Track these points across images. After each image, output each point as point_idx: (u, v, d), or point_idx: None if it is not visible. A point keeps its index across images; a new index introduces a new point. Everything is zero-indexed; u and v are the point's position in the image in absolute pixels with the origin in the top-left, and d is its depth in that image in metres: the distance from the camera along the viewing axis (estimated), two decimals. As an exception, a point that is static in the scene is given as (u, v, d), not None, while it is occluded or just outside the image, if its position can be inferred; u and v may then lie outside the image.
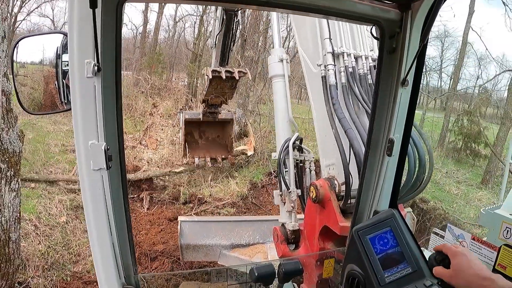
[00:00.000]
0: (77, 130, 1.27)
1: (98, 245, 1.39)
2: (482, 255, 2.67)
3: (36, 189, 7.85)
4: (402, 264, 1.62)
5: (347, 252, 1.79)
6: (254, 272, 1.82)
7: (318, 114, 2.93)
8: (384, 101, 1.67)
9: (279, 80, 3.75)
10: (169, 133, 14.69)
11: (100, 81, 1.23)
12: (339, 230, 2.41)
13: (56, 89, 1.36)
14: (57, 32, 1.35)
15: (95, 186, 1.31)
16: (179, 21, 26.59)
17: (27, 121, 11.64)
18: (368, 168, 1.79)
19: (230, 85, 6.66)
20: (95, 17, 1.11)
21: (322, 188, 2.54)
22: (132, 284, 1.56)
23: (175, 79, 21.93)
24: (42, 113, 1.72)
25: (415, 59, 1.55)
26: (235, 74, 6.36)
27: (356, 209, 1.88)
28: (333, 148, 2.57)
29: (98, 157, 1.27)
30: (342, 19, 2.05)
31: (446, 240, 2.97)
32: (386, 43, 1.62)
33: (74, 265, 6.48)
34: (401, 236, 1.69)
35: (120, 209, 1.46)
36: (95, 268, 1.42)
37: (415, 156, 2.20)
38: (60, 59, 1.34)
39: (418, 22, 1.53)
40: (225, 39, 5.92)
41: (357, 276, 1.68)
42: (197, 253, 6.07)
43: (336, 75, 2.69)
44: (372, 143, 1.75)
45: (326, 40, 2.72)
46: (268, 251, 5.84)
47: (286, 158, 3.27)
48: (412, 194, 2.34)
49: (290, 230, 3.24)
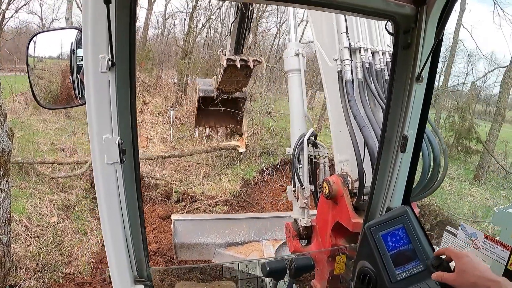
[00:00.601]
0: (91, 124, 1.27)
1: (111, 239, 1.41)
2: (495, 254, 2.69)
3: (26, 188, 7.65)
4: (414, 262, 1.63)
5: (359, 249, 1.79)
6: (265, 267, 1.83)
7: (333, 109, 2.91)
8: (398, 97, 1.67)
9: (294, 75, 3.72)
10: (160, 130, 14.58)
11: (114, 76, 1.24)
12: (351, 226, 2.40)
13: (71, 83, 1.36)
14: (71, 27, 1.35)
15: (108, 180, 1.33)
16: (169, 18, 26.28)
17: (15, 119, 11.38)
18: (382, 164, 1.78)
19: (244, 73, 6.74)
20: (109, 13, 1.12)
21: (335, 184, 2.54)
22: (144, 277, 1.58)
23: (165, 76, 21.72)
24: (57, 107, 1.72)
25: (430, 54, 1.55)
26: (249, 62, 6.35)
27: (369, 206, 1.88)
28: (347, 144, 2.55)
29: (112, 151, 1.28)
30: (357, 14, 2.04)
31: (459, 239, 2.99)
32: (401, 39, 1.61)
33: (66, 266, 6.34)
34: (413, 233, 1.69)
35: (134, 203, 1.47)
36: (108, 261, 1.44)
37: (430, 154, 2.18)
38: (74, 54, 1.34)
39: (433, 18, 1.52)
40: (240, 27, 5.90)
41: (369, 273, 1.68)
42: (192, 252, 6.01)
43: (353, 71, 2.66)
44: (386, 139, 1.74)
45: (343, 35, 2.68)
46: (264, 249, 5.81)
47: (300, 154, 3.26)
48: (426, 193, 2.33)
49: (302, 226, 3.24)
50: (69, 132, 11.74)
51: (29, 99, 14.52)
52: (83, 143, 11.15)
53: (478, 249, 2.77)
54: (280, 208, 9.29)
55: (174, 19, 26.49)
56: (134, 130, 1.39)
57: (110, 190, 1.34)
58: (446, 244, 3.22)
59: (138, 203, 1.49)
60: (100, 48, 1.19)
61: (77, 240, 6.96)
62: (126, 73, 1.30)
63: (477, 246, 2.80)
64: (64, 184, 8.44)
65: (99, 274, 6.35)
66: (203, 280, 5.52)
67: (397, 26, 1.59)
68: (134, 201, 1.47)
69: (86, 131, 12.20)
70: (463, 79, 21.45)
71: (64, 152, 10.18)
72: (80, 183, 8.62)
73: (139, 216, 1.52)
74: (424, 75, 1.60)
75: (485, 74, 15.96)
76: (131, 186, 1.44)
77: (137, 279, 1.53)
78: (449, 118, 11.42)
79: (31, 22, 25.81)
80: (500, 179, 11.61)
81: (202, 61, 19.07)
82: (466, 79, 20.75)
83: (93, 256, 6.72)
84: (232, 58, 6.22)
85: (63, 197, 7.88)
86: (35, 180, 8.15)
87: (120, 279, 1.45)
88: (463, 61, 21.11)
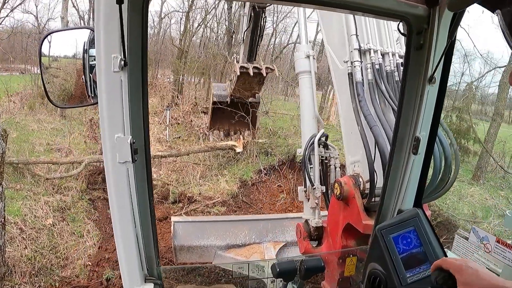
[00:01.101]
0: (103, 124, 1.28)
1: (122, 237, 1.41)
2: (506, 258, 2.69)
3: (21, 190, 7.54)
4: (425, 265, 1.62)
5: (370, 251, 1.79)
6: (276, 267, 1.83)
7: (344, 111, 2.94)
8: (410, 98, 1.65)
9: (305, 76, 3.82)
10: (156, 130, 14.48)
11: (127, 76, 1.25)
12: (362, 228, 2.40)
13: (84, 83, 1.36)
14: (84, 27, 1.35)
15: (120, 179, 1.34)
16: (165, 17, 26.15)
17: (10, 119, 11.22)
18: (393, 166, 1.77)
19: (257, 80, 6.88)
20: (121, 13, 1.13)
21: (347, 185, 2.55)
22: (155, 276, 1.60)
23: (161, 76, 21.66)
24: (69, 106, 1.72)
25: (442, 56, 1.54)
26: (262, 70, 6.50)
27: (380, 208, 1.87)
28: (358, 145, 2.56)
29: (124, 150, 1.29)
30: (369, 15, 2.02)
31: (471, 242, 2.99)
32: (413, 40, 1.59)
33: (62, 270, 6.26)
34: (424, 236, 1.68)
35: (145, 202, 1.48)
36: (119, 259, 1.45)
37: (441, 155, 2.18)
38: (87, 54, 1.35)
39: (446, 19, 1.50)
40: (253, 35, 6.03)
41: (379, 275, 1.67)
42: (192, 254, 5.99)
43: (363, 72, 2.68)
44: (398, 141, 1.73)
45: (352, 37, 2.72)
46: (264, 251, 5.79)
47: (311, 155, 3.30)
48: (437, 194, 2.33)
49: (313, 227, 3.27)
50: (64, 132, 11.63)
51: (24, 99, 14.36)
52: (79, 143, 11.05)
53: (490, 252, 2.78)
54: (278, 209, 9.28)
55: (170, 18, 26.38)
56: (146, 130, 1.40)
57: (121, 188, 1.35)
58: (458, 248, 3.22)
59: (149, 202, 1.50)
60: (113, 48, 1.19)
61: (73, 243, 6.88)
62: (138, 73, 1.30)
63: (489, 249, 2.80)
64: (60, 185, 8.34)
65: (95, 277, 6.28)
66: (202, 282, 5.49)
67: (410, 27, 1.57)
68: (145, 200, 1.48)
69: (81, 131, 12.10)
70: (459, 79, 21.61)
71: (60, 153, 10.07)
72: (76, 184, 8.52)
73: (150, 215, 1.52)
74: (437, 76, 1.58)
75: (484, 74, 16.09)
76: (143, 185, 1.45)
77: (147, 277, 1.54)
78: (447, 118, 11.47)
79: (26, 22, 25.52)
80: (498, 179, 11.67)
81: (198, 61, 19.00)
82: (462, 79, 20.90)
83: (89, 259, 6.65)
84: (245, 66, 6.36)
85: (59, 199, 7.79)
86: (30, 182, 8.05)
87: (130, 277, 1.46)
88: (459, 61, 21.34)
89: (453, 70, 22.19)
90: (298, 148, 3.82)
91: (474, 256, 3.03)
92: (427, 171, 1.77)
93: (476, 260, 3.02)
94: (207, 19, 22.09)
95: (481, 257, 3.00)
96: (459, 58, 19.47)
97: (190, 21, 20.98)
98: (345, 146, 2.93)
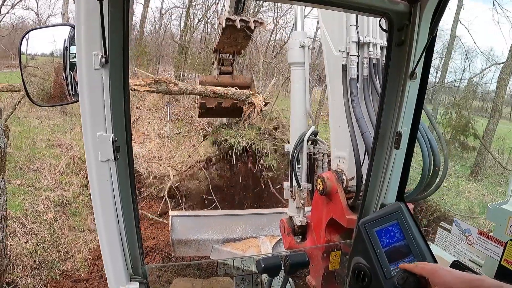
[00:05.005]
0: (85, 122, 1.27)
1: (106, 236, 1.40)
2: (488, 250, 2.70)
3: (22, 185, 7.62)
4: (408, 258, 1.63)
5: (354, 245, 1.80)
6: (260, 263, 1.83)
7: (334, 102, 2.78)
8: (392, 94, 1.67)
9: (298, 68, 3.44)
10: (156, 126, 14.53)
11: (108, 73, 1.24)
12: (345, 222, 2.40)
13: (64, 81, 1.35)
14: (64, 24, 1.33)
15: (103, 177, 1.33)
16: (165, 13, 26.08)
17: (12, 115, 11.27)
18: (376, 160, 1.79)
19: (244, 35, 6.16)
20: (102, 9, 1.11)
21: (329, 180, 2.53)
22: (140, 275, 1.58)
23: (162, 71, 21.63)
24: (50, 104, 1.71)
25: (423, 51, 1.55)
26: (250, 23, 5.85)
27: (363, 202, 1.89)
28: (345, 140, 2.51)
29: (106, 149, 1.28)
30: (350, 11, 2.03)
31: (453, 235, 3.01)
32: (395, 36, 1.61)
33: (63, 263, 6.34)
34: (407, 229, 1.69)
35: (128, 200, 1.47)
36: (103, 259, 1.43)
37: (429, 153, 2.15)
38: (67, 51, 1.33)
39: (427, 15, 1.52)
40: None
41: (363, 269, 1.68)
42: (189, 248, 6.02)
43: (359, 67, 2.55)
44: (380, 136, 1.75)
45: (352, 27, 2.53)
46: (261, 245, 5.84)
47: (299, 153, 3.14)
48: (426, 193, 2.30)
49: (297, 225, 3.23)
50: (65, 128, 11.68)
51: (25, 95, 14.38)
52: (80, 139, 11.09)
53: (472, 244, 2.80)
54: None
55: (171, 14, 26.29)
56: (128, 127, 1.39)
57: (104, 187, 1.33)
58: (441, 241, 3.23)
59: (132, 201, 1.49)
60: (93, 45, 1.18)
61: (74, 237, 6.97)
62: (120, 70, 1.29)
63: (471, 242, 2.82)
64: (61, 181, 8.42)
65: (96, 270, 6.36)
66: (200, 276, 5.56)
67: (391, 23, 1.59)
68: (128, 199, 1.47)
69: (82, 127, 12.14)
70: (460, 75, 21.48)
71: (61, 149, 10.13)
72: (77, 180, 8.60)
73: (134, 214, 1.51)
74: (418, 72, 1.60)
75: (482, 71, 15.98)
76: (125, 183, 1.44)
77: (132, 276, 1.53)
78: (446, 114, 11.44)
79: (27, 18, 25.52)
80: (496, 175, 11.65)
81: (199, 57, 18.97)
82: (463, 75, 20.77)
83: (90, 253, 6.73)
84: (232, 18, 5.72)
85: (60, 194, 7.87)
86: (32, 177, 8.13)
87: (115, 276, 1.45)
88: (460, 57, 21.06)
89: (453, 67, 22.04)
90: (285, 144, 3.64)
91: (457, 248, 3.04)
92: (409, 165, 1.78)
93: (459, 252, 3.04)
94: (208, 15, 22.03)
95: (464, 249, 3.01)
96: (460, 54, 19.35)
97: (191, 17, 20.95)
98: (332, 139, 2.83)
